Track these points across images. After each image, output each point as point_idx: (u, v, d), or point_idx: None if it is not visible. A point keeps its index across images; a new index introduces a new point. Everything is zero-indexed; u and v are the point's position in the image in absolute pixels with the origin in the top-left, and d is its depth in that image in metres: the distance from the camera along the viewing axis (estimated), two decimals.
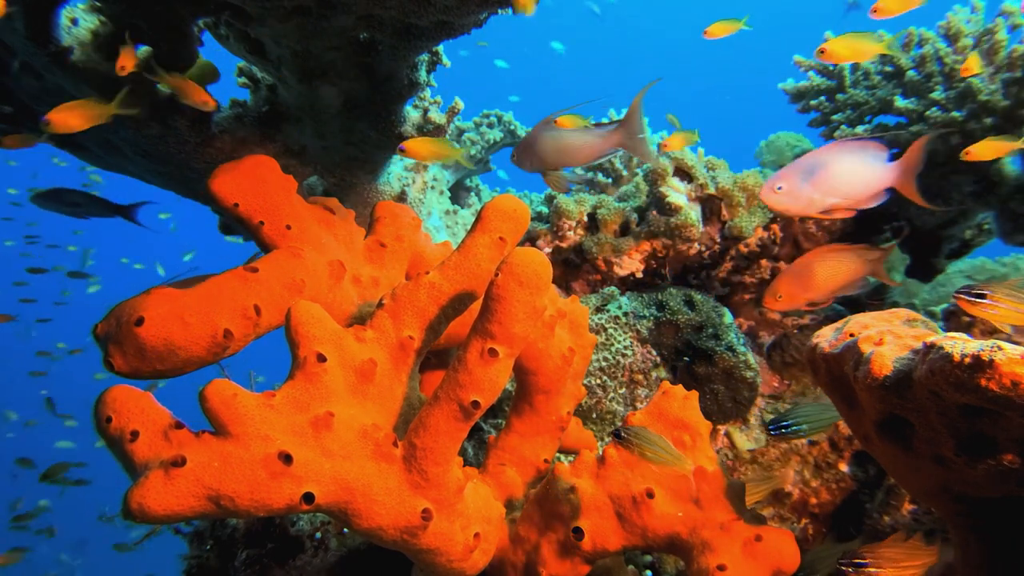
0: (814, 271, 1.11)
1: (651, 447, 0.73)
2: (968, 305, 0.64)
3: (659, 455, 0.73)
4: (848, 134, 1.41)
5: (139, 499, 0.55)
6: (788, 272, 1.14)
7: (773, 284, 1.14)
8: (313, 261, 0.84)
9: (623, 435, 0.74)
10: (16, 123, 1.14)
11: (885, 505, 1.10)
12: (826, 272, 1.11)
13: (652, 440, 0.73)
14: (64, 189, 1.26)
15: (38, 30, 0.89)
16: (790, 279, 1.13)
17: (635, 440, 0.73)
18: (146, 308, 0.67)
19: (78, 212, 1.27)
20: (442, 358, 1.09)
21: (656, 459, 0.73)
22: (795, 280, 1.12)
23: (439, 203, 1.65)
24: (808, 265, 1.12)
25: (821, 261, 1.11)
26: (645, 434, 0.74)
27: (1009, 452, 0.57)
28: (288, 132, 1.14)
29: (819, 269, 1.11)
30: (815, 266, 1.11)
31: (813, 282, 1.11)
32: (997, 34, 1.25)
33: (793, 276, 1.13)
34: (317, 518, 1.06)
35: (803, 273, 1.12)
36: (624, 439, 0.74)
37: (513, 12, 0.89)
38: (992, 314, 0.63)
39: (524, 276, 0.62)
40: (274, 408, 0.62)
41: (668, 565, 1.10)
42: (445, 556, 0.68)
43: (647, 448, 0.73)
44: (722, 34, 1.20)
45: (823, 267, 1.11)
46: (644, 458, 0.74)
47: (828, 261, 1.11)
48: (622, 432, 0.74)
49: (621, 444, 0.74)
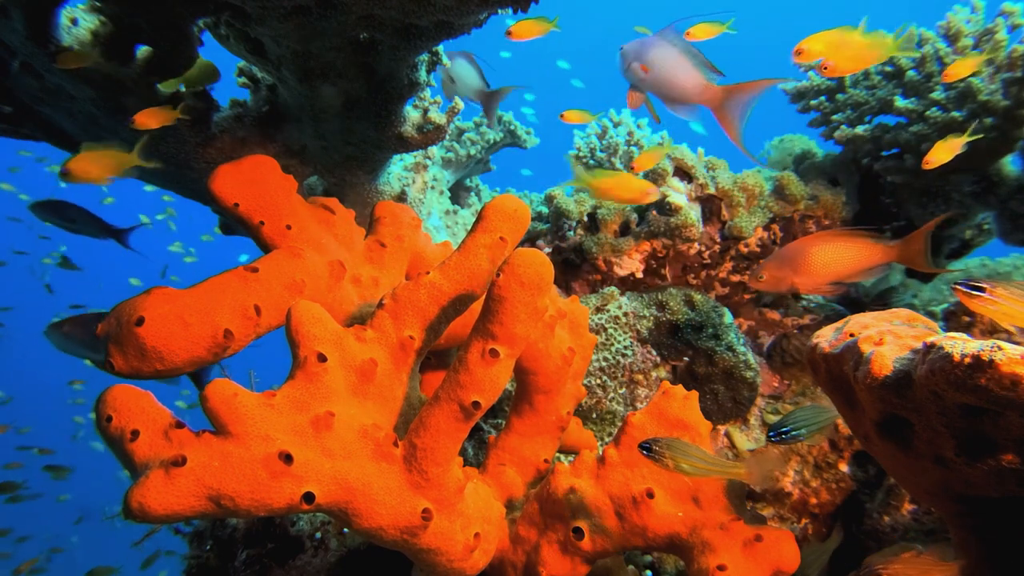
0: (808, 255, 1.02)
1: (687, 459, 0.65)
2: (966, 298, 0.64)
3: (698, 466, 0.65)
4: (848, 134, 1.41)
5: (139, 498, 0.55)
6: (777, 253, 1.06)
7: (760, 263, 1.06)
8: (313, 261, 0.84)
9: (653, 448, 0.66)
10: (16, 123, 1.14)
11: (885, 505, 1.10)
12: (825, 257, 1.02)
13: (688, 451, 0.65)
14: (64, 203, 1.26)
15: (38, 30, 0.89)
16: (777, 261, 1.05)
17: (668, 453, 0.65)
18: (146, 308, 0.67)
19: (73, 228, 1.27)
20: (442, 358, 1.09)
21: (696, 472, 0.65)
22: (783, 263, 1.04)
23: (439, 203, 1.65)
24: (802, 248, 1.03)
25: (820, 245, 1.02)
26: (679, 445, 0.65)
27: (1009, 452, 0.57)
28: (288, 132, 1.14)
29: (815, 253, 1.02)
30: (810, 249, 1.02)
31: (806, 266, 1.02)
32: (997, 34, 1.25)
33: (781, 258, 1.04)
34: (317, 518, 1.06)
35: (794, 256, 1.03)
36: (654, 453, 0.66)
37: (513, 12, 0.89)
38: (991, 309, 0.63)
39: (525, 277, 0.62)
40: (274, 408, 0.62)
41: (668, 565, 1.10)
42: (445, 556, 0.68)
43: (683, 460, 0.65)
44: (705, 36, 1.11)
45: (821, 251, 1.02)
46: (681, 471, 0.65)
47: (829, 245, 1.02)
48: (652, 446, 0.66)
49: (652, 459, 0.66)
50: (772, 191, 1.41)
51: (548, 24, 1.14)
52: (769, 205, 1.40)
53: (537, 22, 1.13)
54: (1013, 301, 0.61)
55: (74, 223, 1.26)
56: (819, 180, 1.42)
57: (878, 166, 1.42)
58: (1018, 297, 0.62)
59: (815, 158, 1.60)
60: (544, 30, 1.14)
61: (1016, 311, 0.62)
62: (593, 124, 1.89)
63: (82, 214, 1.27)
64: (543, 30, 1.14)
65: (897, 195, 1.47)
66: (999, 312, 0.62)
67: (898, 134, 1.35)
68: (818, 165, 1.54)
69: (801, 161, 1.62)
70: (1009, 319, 0.62)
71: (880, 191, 1.50)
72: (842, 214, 1.40)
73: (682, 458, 0.65)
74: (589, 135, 1.88)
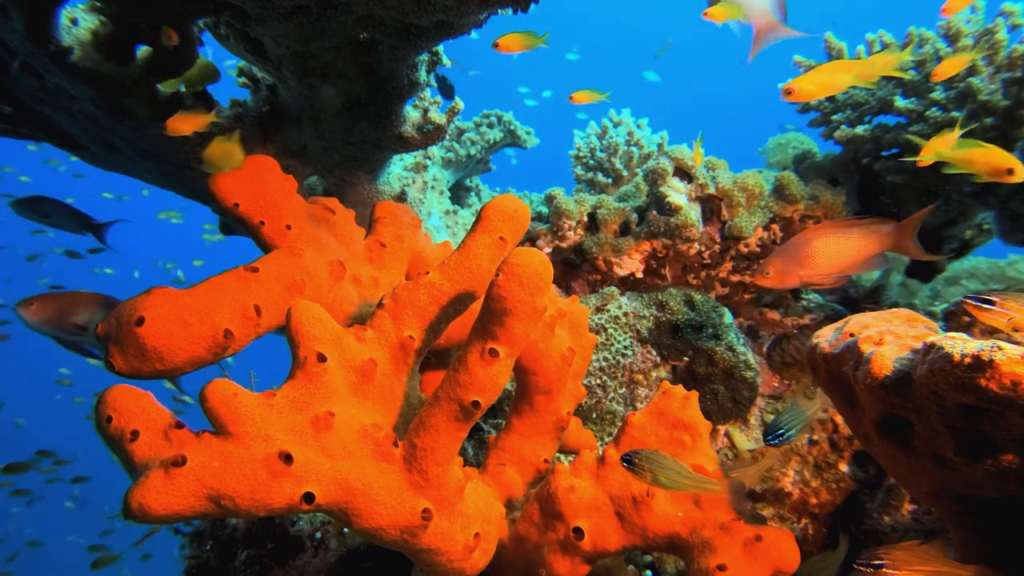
0: (812, 247, 1.02)
1: (665, 471, 0.66)
2: (977, 311, 0.64)
3: (676, 480, 0.66)
4: (848, 134, 1.41)
5: (139, 499, 0.55)
6: (782, 248, 1.05)
7: (764, 260, 1.05)
8: (313, 261, 0.84)
9: (634, 461, 0.67)
10: (16, 123, 1.14)
11: (885, 505, 1.10)
12: (828, 249, 1.02)
13: (665, 465, 0.66)
14: (42, 198, 1.26)
15: (38, 30, 0.89)
16: (783, 256, 1.04)
17: (646, 465, 0.66)
18: (146, 308, 0.67)
19: (50, 222, 1.27)
20: (442, 358, 1.09)
21: (673, 485, 0.67)
22: (788, 257, 1.04)
23: (439, 203, 1.65)
24: (806, 241, 1.03)
25: (822, 237, 1.02)
26: (658, 459, 0.67)
27: (1009, 452, 0.57)
28: (288, 132, 1.14)
29: (819, 245, 1.02)
30: (814, 242, 1.02)
31: (811, 259, 1.02)
32: (997, 34, 1.25)
33: (786, 253, 1.04)
34: (317, 518, 1.06)
35: (799, 250, 1.03)
36: (634, 465, 0.67)
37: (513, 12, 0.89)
38: (1003, 322, 0.63)
39: (525, 276, 0.62)
40: (274, 408, 0.62)
41: (668, 565, 1.10)
42: (445, 556, 0.68)
43: (660, 473, 0.66)
44: (723, 18, 1.14)
45: (824, 243, 1.02)
46: (658, 484, 0.67)
47: (831, 237, 1.02)
48: (633, 458, 0.67)
49: (631, 471, 0.68)
50: (772, 191, 1.41)
51: (537, 40, 1.13)
52: (769, 205, 1.40)
53: (526, 36, 1.13)
54: (1021, 312, 0.61)
55: (49, 218, 1.26)
56: (819, 180, 1.42)
57: (878, 166, 1.42)
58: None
59: (815, 158, 1.60)
60: (531, 45, 1.14)
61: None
62: (593, 124, 1.89)
63: (59, 208, 1.26)
64: (531, 45, 1.14)
65: (897, 195, 1.47)
66: (1012, 323, 0.62)
67: (898, 134, 1.35)
68: (818, 165, 1.54)
69: (801, 161, 1.62)
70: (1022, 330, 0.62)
71: (880, 191, 1.50)
72: (842, 214, 1.40)
73: (660, 471, 0.67)
74: (589, 135, 1.88)
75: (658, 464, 0.67)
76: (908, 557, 0.66)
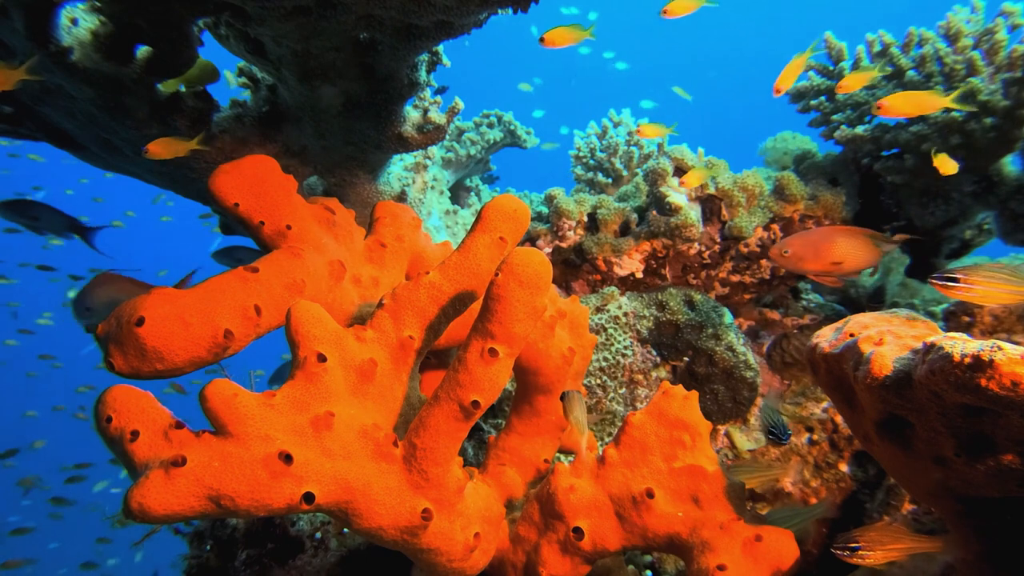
0: (835, 242, 1.07)
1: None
2: (943, 289, 0.65)
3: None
4: (848, 134, 1.41)
5: (139, 499, 0.55)
6: (806, 234, 1.10)
7: (786, 239, 1.10)
8: (313, 261, 0.84)
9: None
10: (16, 123, 1.14)
11: (885, 505, 1.10)
12: (846, 248, 1.07)
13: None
14: (27, 201, 1.25)
15: (38, 30, 0.89)
16: (805, 240, 1.09)
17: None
18: (146, 308, 0.67)
19: (36, 226, 1.26)
20: (442, 358, 1.09)
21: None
22: (807, 245, 1.08)
23: (439, 203, 1.65)
24: (830, 235, 1.08)
25: (846, 237, 1.08)
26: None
27: (1009, 452, 0.57)
28: (288, 132, 1.14)
29: (841, 243, 1.07)
30: (837, 238, 1.08)
31: (830, 253, 1.07)
32: (997, 34, 1.25)
33: (810, 239, 1.09)
34: (317, 518, 1.06)
35: (822, 241, 1.08)
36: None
37: (513, 12, 0.89)
38: (969, 296, 0.64)
39: (524, 276, 0.62)
40: (274, 408, 0.62)
41: (668, 565, 1.10)
42: (445, 556, 0.68)
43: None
44: (682, 12, 1.13)
45: (844, 243, 1.07)
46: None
47: (850, 238, 1.08)
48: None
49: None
50: (772, 191, 1.41)
51: (583, 32, 1.13)
52: (769, 205, 1.40)
53: (572, 29, 1.12)
54: (988, 284, 0.62)
55: (37, 221, 1.25)
56: (819, 180, 1.42)
57: (878, 166, 1.42)
58: (991, 279, 0.63)
59: (815, 158, 1.60)
60: (578, 38, 1.13)
61: (993, 291, 0.62)
62: (593, 124, 1.89)
63: (46, 212, 1.25)
64: (577, 38, 1.13)
65: (897, 195, 1.47)
66: (978, 296, 0.63)
67: (898, 134, 1.35)
68: (818, 165, 1.54)
69: (801, 161, 1.62)
70: (991, 300, 0.62)
71: (880, 191, 1.50)
72: (842, 214, 1.40)
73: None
74: (589, 135, 1.88)
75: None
76: (881, 537, 0.69)
